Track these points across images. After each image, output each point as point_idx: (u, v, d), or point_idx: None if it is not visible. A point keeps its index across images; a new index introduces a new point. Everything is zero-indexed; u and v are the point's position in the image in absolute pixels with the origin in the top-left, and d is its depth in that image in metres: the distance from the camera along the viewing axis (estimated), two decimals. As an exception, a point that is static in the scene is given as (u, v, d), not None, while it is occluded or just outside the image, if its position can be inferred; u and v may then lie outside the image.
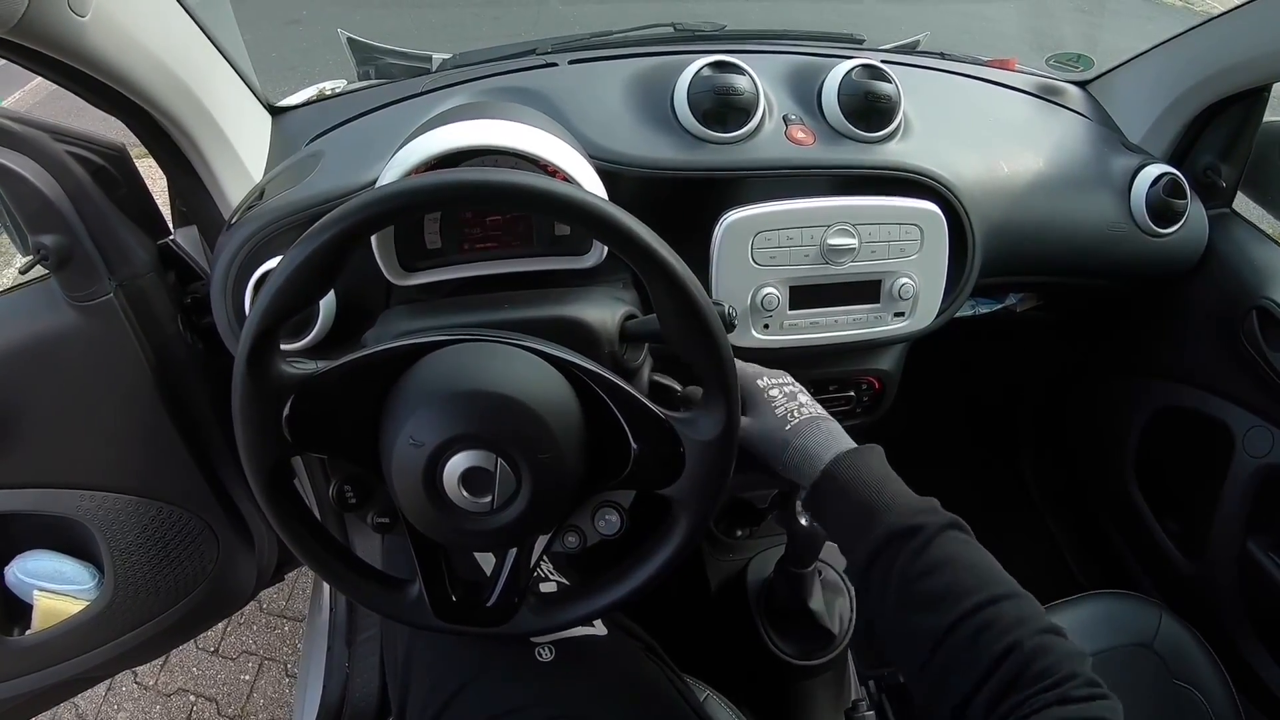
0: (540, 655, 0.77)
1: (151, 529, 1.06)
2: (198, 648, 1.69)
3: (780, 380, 0.77)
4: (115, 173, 0.95)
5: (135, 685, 1.64)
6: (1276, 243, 1.19)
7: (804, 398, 0.75)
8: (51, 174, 0.86)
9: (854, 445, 0.69)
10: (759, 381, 0.76)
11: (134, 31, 0.72)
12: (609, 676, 0.80)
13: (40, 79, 0.77)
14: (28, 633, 1.04)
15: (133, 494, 1.03)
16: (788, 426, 0.71)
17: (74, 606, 1.04)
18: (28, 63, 0.69)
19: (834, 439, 0.70)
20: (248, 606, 1.52)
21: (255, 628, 1.73)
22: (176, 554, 1.09)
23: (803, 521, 0.89)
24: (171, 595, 1.11)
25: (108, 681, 1.62)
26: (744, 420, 0.73)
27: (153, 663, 1.66)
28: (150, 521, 1.05)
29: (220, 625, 1.72)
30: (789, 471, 0.70)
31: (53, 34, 0.63)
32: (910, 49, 1.27)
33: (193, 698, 1.62)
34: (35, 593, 1.03)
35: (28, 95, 4.18)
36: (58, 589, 1.04)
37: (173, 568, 1.09)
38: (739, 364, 0.75)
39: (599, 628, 0.82)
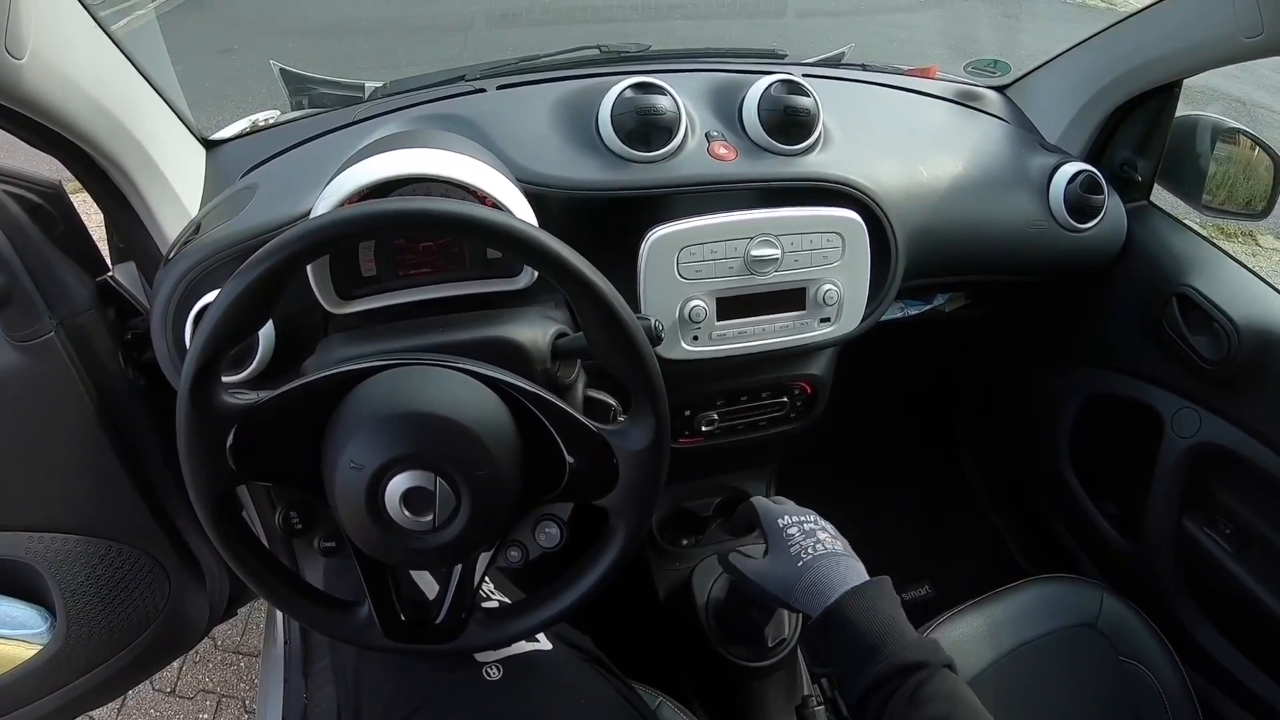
0: (488, 674, 0.77)
1: (101, 568, 1.05)
2: (154, 689, 1.66)
3: (802, 519, 0.81)
4: (52, 210, 0.94)
5: (94, 729, 1.61)
6: (1194, 232, 1.24)
7: (823, 534, 0.79)
8: None
9: (866, 579, 0.73)
10: (779, 521, 0.81)
11: (69, 71, 0.73)
12: (558, 690, 0.81)
13: None
14: None
15: (81, 533, 1.02)
16: (800, 563, 0.76)
17: (26, 651, 1.03)
18: None
19: (846, 574, 0.74)
20: (203, 644, 1.51)
21: (211, 665, 1.70)
22: (128, 592, 1.08)
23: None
24: (125, 635, 1.10)
25: (65, 728, 1.59)
26: (761, 561, 0.80)
27: (109, 706, 1.62)
28: (100, 561, 1.04)
29: (176, 664, 1.68)
30: (799, 605, 0.75)
31: None
32: (834, 62, 1.31)
33: (153, 739, 1.59)
34: (-14, 639, 1.01)
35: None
36: (9, 634, 1.02)
37: (125, 606, 1.08)
38: (763, 502, 0.84)
39: (544, 642, 0.83)
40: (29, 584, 1.03)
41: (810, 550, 0.77)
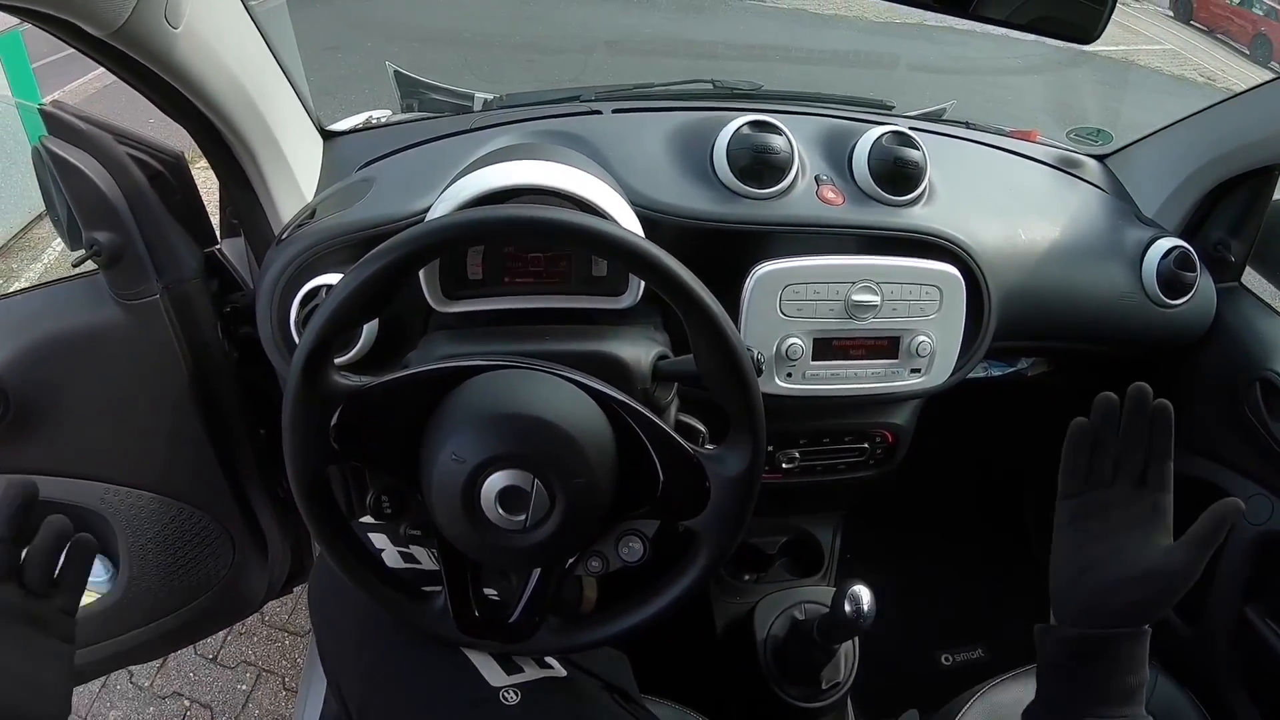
0: (505, 698, 0.76)
1: (171, 529, 1.07)
2: (196, 653, 1.69)
3: None
4: (171, 179, 0.98)
5: (130, 685, 1.63)
6: (1282, 317, 1.22)
7: None
8: (111, 173, 0.90)
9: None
10: None
11: (217, 46, 0.77)
12: (576, 715, 0.80)
13: (87, 77, 0.80)
14: None
15: (156, 492, 1.05)
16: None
17: (86, 598, 1.06)
18: (115, 66, 0.73)
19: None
20: (250, 617, 1.53)
21: (256, 639, 1.73)
22: (192, 556, 1.11)
23: (846, 609, 0.90)
24: (181, 597, 1.13)
25: (102, 679, 1.62)
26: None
27: (150, 664, 1.66)
28: (170, 521, 1.07)
29: (221, 633, 1.71)
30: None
31: (146, 42, 0.67)
32: (937, 117, 1.32)
33: (187, 702, 1.62)
34: (49, 581, 1.04)
35: (76, 91, 4.27)
36: (71, 578, 1.06)
37: (186, 570, 1.11)
38: None
39: (558, 668, 0.82)
40: (98, 534, 1.05)
41: None
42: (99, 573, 1.08)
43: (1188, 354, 1.24)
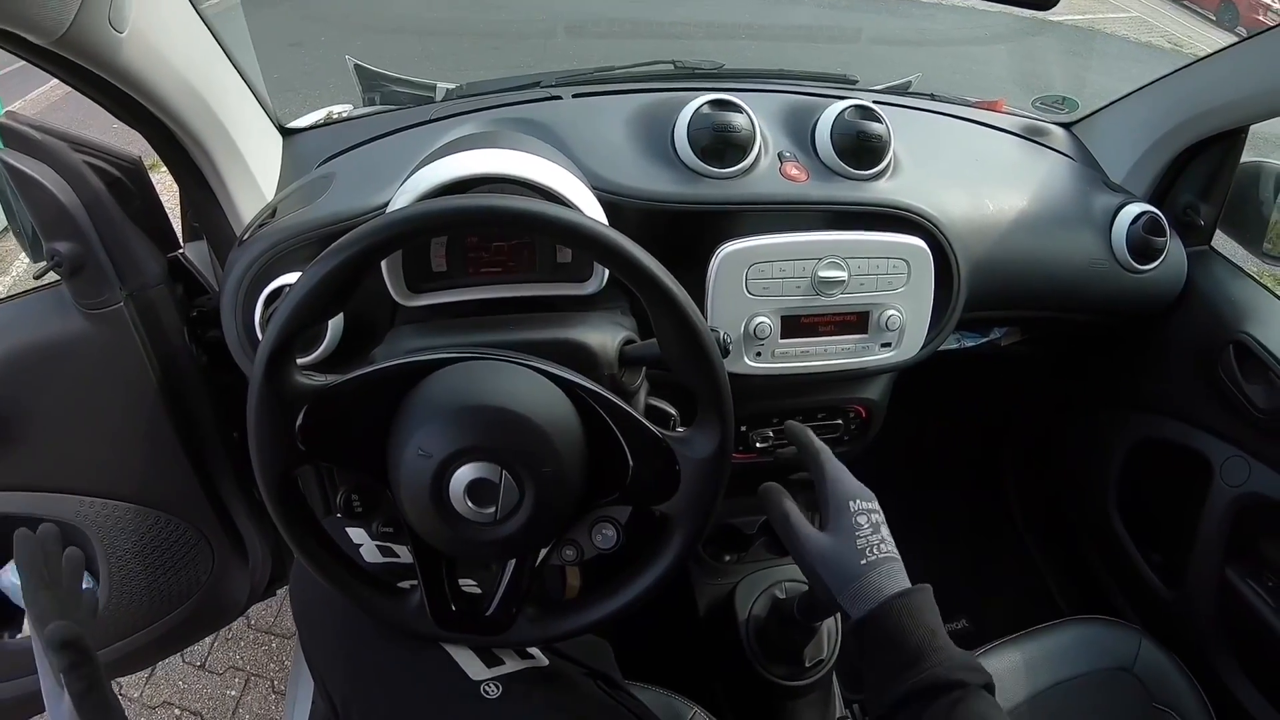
0: (486, 692, 0.76)
1: (149, 538, 1.07)
2: (184, 661, 1.69)
3: (870, 506, 0.74)
4: (130, 185, 0.97)
5: (120, 697, 1.62)
6: (1254, 279, 1.23)
7: (885, 530, 0.73)
8: (69, 183, 0.88)
9: (909, 585, 0.69)
10: (850, 503, 0.73)
11: (164, 49, 0.75)
12: (559, 706, 0.80)
13: (49, 85, 0.79)
14: (17, 637, 1.05)
15: (132, 502, 1.04)
16: (863, 561, 0.70)
17: (68, 613, 1.05)
18: (62, 73, 0.72)
19: (897, 578, 0.70)
20: (236, 622, 1.52)
21: (243, 644, 1.73)
22: (172, 564, 1.10)
23: None
24: (164, 605, 1.12)
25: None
26: (821, 536, 0.72)
27: (138, 674, 1.65)
28: (148, 531, 1.06)
29: (207, 640, 1.71)
30: (844, 601, 0.70)
31: (91, 48, 0.66)
32: (902, 90, 1.32)
33: (178, 711, 1.61)
34: (29, 597, 1.03)
35: (38, 99, 4.22)
36: (51, 594, 1.05)
37: (167, 578, 1.10)
38: (834, 466, 0.76)
39: (540, 658, 0.82)
40: (76, 547, 1.05)
41: (875, 551, 0.70)
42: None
43: (1160, 319, 1.25)
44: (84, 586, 1.06)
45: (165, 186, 1.02)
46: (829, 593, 0.71)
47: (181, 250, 1.03)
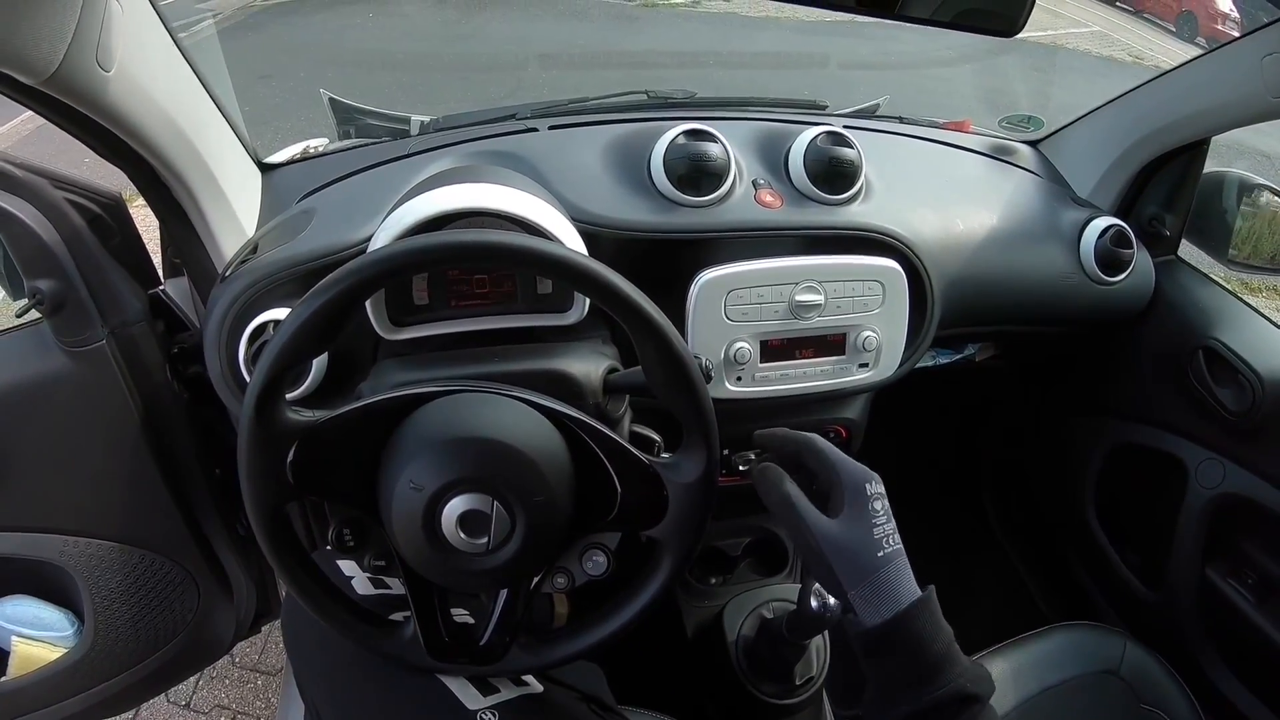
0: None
1: (133, 577, 1.06)
2: (169, 701, 1.65)
3: (882, 491, 0.68)
4: (110, 221, 0.97)
5: (104, 738, 1.60)
6: (1220, 286, 1.26)
7: (894, 522, 0.68)
8: (49, 219, 0.88)
9: (918, 589, 0.65)
10: (867, 486, 0.67)
11: (149, 87, 0.76)
12: None
13: (21, 118, 0.79)
14: (2, 679, 1.03)
15: (116, 541, 1.03)
16: (880, 553, 0.64)
17: (51, 654, 1.04)
18: (49, 113, 0.73)
19: (906, 576, 0.65)
20: (220, 660, 1.50)
21: (228, 681, 1.70)
22: (157, 603, 1.09)
23: (813, 604, 0.83)
24: (150, 644, 1.11)
25: (76, 733, 1.58)
26: (832, 523, 0.66)
27: (123, 716, 1.62)
28: (132, 569, 1.05)
29: (192, 679, 1.68)
30: (858, 598, 0.64)
31: (79, 87, 0.67)
32: (870, 113, 1.35)
33: (163, 751, 1.59)
34: (13, 639, 1.02)
35: (9, 133, 4.17)
36: (36, 635, 1.04)
37: (153, 616, 1.09)
38: (842, 456, 0.70)
39: (535, 684, 0.82)
40: (60, 587, 1.04)
41: (890, 542, 0.64)
42: (64, 627, 1.06)
43: (1131, 328, 1.28)
44: (70, 627, 1.06)
45: (145, 223, 1.02)
46: (839, 588, 0.65)
47: (162, 286, 1.03)
